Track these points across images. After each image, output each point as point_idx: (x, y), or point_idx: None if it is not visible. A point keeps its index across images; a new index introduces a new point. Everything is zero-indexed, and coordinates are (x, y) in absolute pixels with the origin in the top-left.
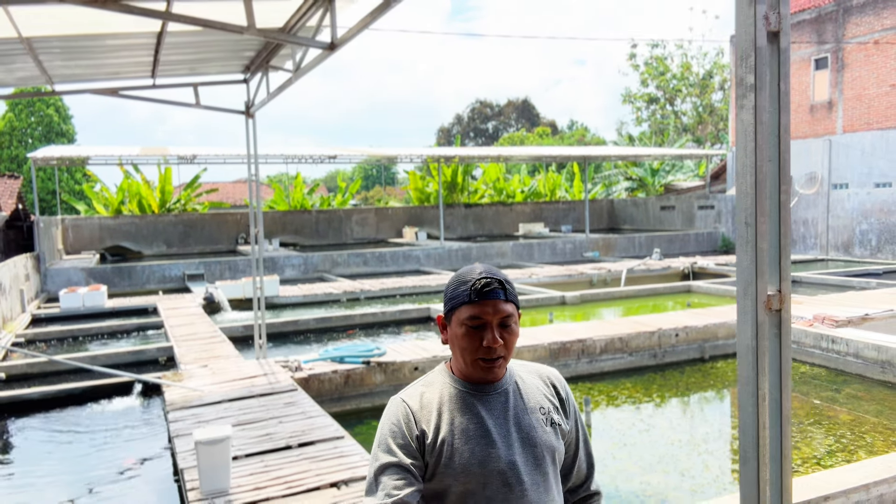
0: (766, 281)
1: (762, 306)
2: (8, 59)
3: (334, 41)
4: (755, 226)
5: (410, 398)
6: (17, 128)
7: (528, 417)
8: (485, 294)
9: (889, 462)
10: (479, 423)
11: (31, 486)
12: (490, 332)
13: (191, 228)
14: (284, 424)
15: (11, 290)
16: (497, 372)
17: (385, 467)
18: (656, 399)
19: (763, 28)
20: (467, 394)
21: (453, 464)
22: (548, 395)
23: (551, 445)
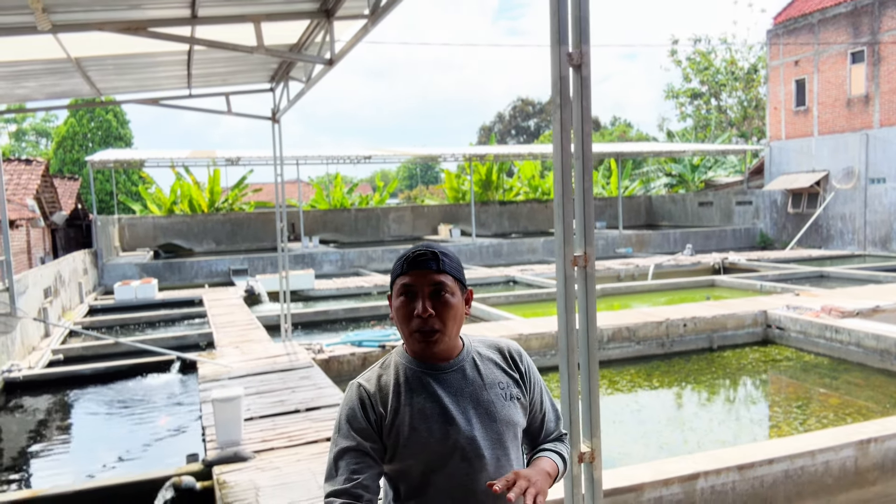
0: (573, 245)
1: (569, 264)
2: (61, 75)
3: (332, 57)
4: (563, 205)
5: (367, 382)
6: (78, 132)
7: (486, 393)
8: (415, 264)
9: (839, 433)
10: (436, 402)
11: (85, 443)
12: (420, 302)
13: (238, 227)
14: (297, 393)
15: (70, 282)
16: (435, 346)
17: (343, 451)
18: (655, 384)
19: (567, 62)
20: (423, 373)
21: (412, 444)
22: (506, 368)
23: (511, 420)
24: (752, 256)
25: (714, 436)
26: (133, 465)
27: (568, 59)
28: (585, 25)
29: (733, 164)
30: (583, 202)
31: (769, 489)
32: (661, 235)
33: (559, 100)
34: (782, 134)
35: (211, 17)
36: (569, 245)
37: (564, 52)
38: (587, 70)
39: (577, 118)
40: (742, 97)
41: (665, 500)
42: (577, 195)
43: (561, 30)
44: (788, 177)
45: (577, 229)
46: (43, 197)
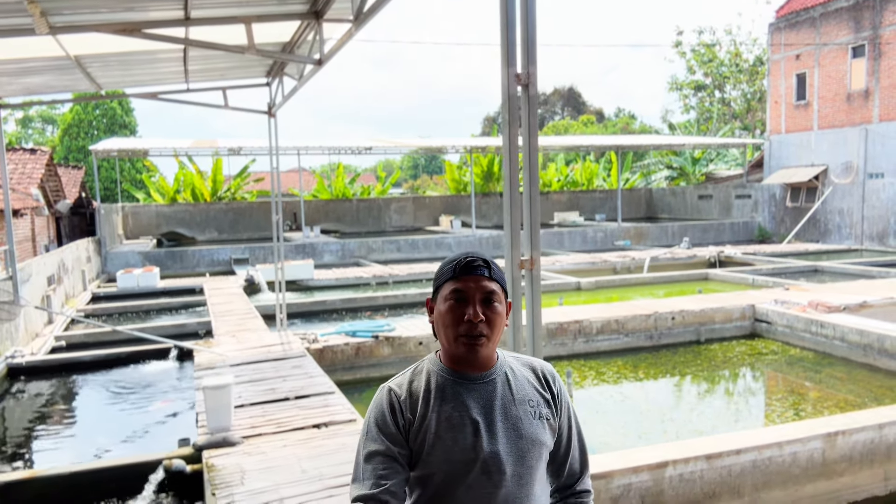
0: (520, 249)
1: (516, 266)
2: (62, 72)
3: (322, 57)
4: (510, 212)
5: (398, 387)
6: (84, 120)
7: (515, 409)
8: (468, 270)
9: (807, 426)
10: (465, 412)
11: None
12: (472, 307)
13: (240, 216)
14: (287, 382)
15: (74, 270)
16: (480, 351)
17: (372, 455)
18: (641, 376)
19: (514, 82)
20: (455, 382)
21: (436, 451)
22: (538, 388)
23: (538, 439)
24: (748, 250)
25: (692, 426)
26: (129, 448)
27: (516, 80)
28: (532, 49)
29: (735, 157)
30: (530, 210)
31: (737, 478)
32: (660, 228)
33: (507, 116)
34: (782, 128)
35: (203, 18)
36: (516, 249)
37: (513, 73)
38: (534, 89)
39: (525, 132)
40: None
41: (634, 488)
42: (524, 203)
43: (510, 53)
44: (788, 171)
45: (524, 234)
46: (47, 186)
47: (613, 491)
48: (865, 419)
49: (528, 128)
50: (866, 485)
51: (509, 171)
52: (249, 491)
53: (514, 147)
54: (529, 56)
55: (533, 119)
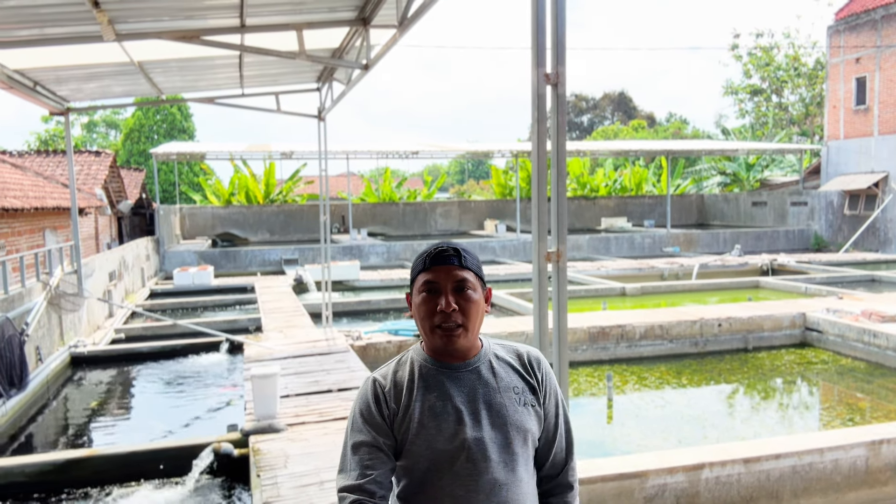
0: (546, 242)
1: (542, 259)
2: (126, 77)
3: (368, 62)
4: (538, 205)
5: (383, 377)
6: (144, 125)
7: (500, 396)
8: (438, 260)
9: (851, 433)
10: (448, 401)
11: (141, 412)
12: (444, 297)
13: (291, 218)
14: (331, 375)
15: (134, 267)
16: (457, 342)
17: (358, 445)
18: (684, 382)
19: (544, 82)
20: (438, 371)
21: (420, 440)
22: (523, 374)
23: (523, 425)
24: (802, 258)
25: (735, 433)
26: (181, 432)
27: (545, 79)
28: (562, 49)
29: (791, 163)
30: (556, 204)
31: (776, 483)
32: (711, 235)
33: (537, 114)
34: (840, 133)
35: (258, 25)
36: (543, 241)
37: (542, 73)
38: (563, 88)
39: (554, 130)
40: (804, 94)
41: (669, 488)
42: (552, 198)
43: (539, 53)
44: (846, 177)
45: (552, 227)
46: (110, 186)
47: (648, 490)
48: None
49: (557, 125)
50: None
51: (537, 167)
52: (292, 474)
53: (542, 144)
54: (559, 56)
55: (561, 117)
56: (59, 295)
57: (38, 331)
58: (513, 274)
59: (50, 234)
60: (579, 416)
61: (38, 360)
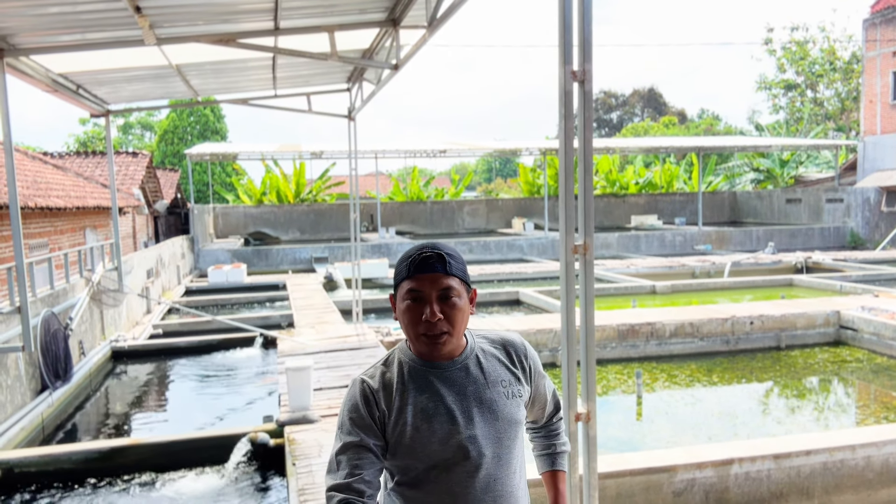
0: (573, 235)
1: (570, 251)
2: (164, 79)
3: (398, 63)
4: (565, 200)
5: (371, 378)
6: (178, 126)
7: (489, 391)
8: (422, 267)
9: (883, 430)
10: (439, 401)
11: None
12: (429, 306)
13: (321, 217)
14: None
15: (170, 265)
16: (442, 348)
17: (346, 447)
18: (715, 380)
19: (571, 79)
20: (426, 371)
21: (415, 443)
22: (509, 366)
23: (513, 418)
24: (838, 256)
25: (766, 431)
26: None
27: (572, 76)
28: (588, 47)
29: (826, 159)
30: (584, 199)
31: (806, 479)
32: (744, 233)
33: (564, 111)
34: (877, 128)
35: (291, 28)
36: (570, 235)
37: (569, 70)
38: (589, 85)
39: (581, 126)
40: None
41: (698, 483)
42: (579, 193)
43: (566, 51)
44: (883, 173)
45: (579, 222)
46: (147, 186)
47: (676, 485)
48: None
49: (584, 121)
50: None
51: (564, 163)
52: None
53: (569, 140)
54: (586, 53)
55: (588, 113)
56: (100, 291)
57: (80, 325)
58: (541, 272)
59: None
60: (608, 412)
61: (81, 354)
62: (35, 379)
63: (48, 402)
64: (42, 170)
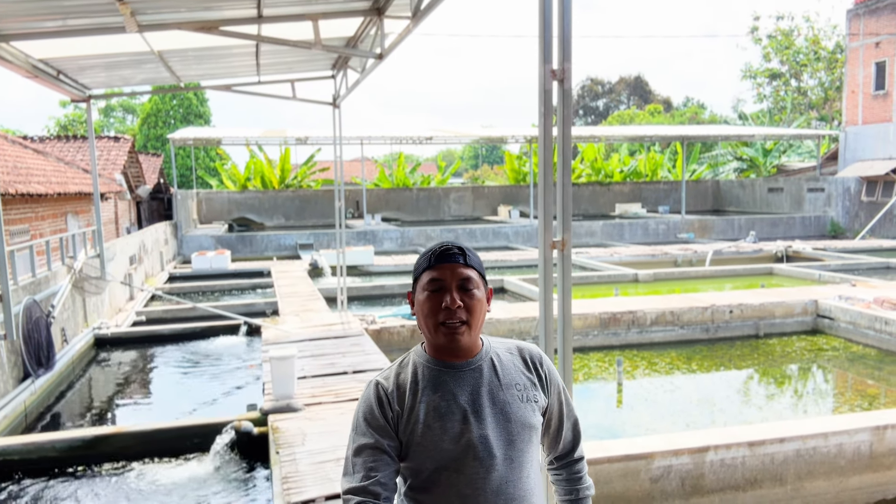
0: (552, 231)
1: (548, 247)
2: (146, 65)
3: (382, 52)
4: (544, 196)
5: (385, 380)
6: (161, 109)
7: (502, 393)
8: (443, 258)
9: (855, 418)
10: (452, 401)
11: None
12: (449, 294)
13: (306, 203)
14: (346, 358)
15: (153, 251)
16: (461, 339)
17: (361, 448)
18: (694, 367)
19: (550, 77)
20: (440, 371)
21: (426, 441)
22: (525, 371)
23: (527, 422)
24: (818, 245)
25: (743, 418)
26: (201, 411)
27: (552, 75)
28: (568, 45)
29: (809, 149)
30: (562, 196)
31: (779, 466)
32: (726, 221)
33: (543, 109)
34: (859, 119)
35: (274, 16)
36: (548, 230)
37: (549, 69)
38: (569, 83)
39: (560, 125)
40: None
41: (675, 469)
42: (558, 190)
43: (546, 49)
44: (864, 163)
45: (557, 218)
46: (129, 171)
47: (654, 472)
48: None
49: (563, 120)
50: None
51: (543, 160)
52: (310, 451)
53: (548, 138)
54: (565, 52)
55: (567, 112)
56: (83, 278)
57: (63, 313)
58: (525, 260)
59: (72, 219)
60: (589, 399)
61: (64, 342)
62: (17, 367)
63: (31, 389)
64: (22, 154)
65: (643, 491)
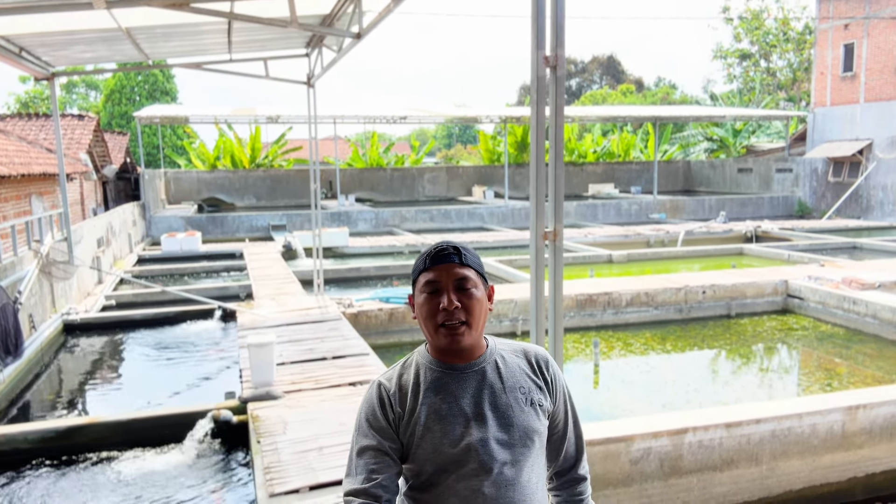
0: (544, 221)
1: (540, 237)
2: (113, 42)
3: (360, 31)
4: (536, 186)
5: (388, 381)
6: (125, 86)
7: (505, 397)
8: (438, 259)
9: (829, 398)
10: (453, 403)
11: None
12: (446, 295)
13: (277, 183)
14: (325, 343)
15: (121, 233)
16: (462, 340)
17: (363, 450)
18: (669, 348)
19: (543, 64)
20: (443, 373)
21: (426, 443)
22: (530, 374)
23: (529, 426)
24: (786, 225)
25: (717, 398)
26: (175, 399)
27: (545, 62)
28: (561, 32)
29: (778, 129)
30: (554, 187)
31: (755, 447)
32: (697, 202)
33: (536, 96)
34: (827, 100)
35: None
36: (540, 221)
37: (541, 56)
38: (562, 70)
39: (553, 113)
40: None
41: (654, 451)
42: (550, 180)
43: (539, 36)
44: (831, 144)
45: (549, 207)
46: (94, 151)
47: (633, 454)
48: (888, 394)
49: (556, 107)
50: (886, 458)
51: (536, 148)
52: (291, 440)
53: (541, 125)
54: (558, 39)
55: (560, 99)
56: (50, 263)
57: (30, 299)
58: (501, 241)
59: (36, 201)
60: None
61: (32, 328)
62: None
63: None
64: None
65: (623, 473)
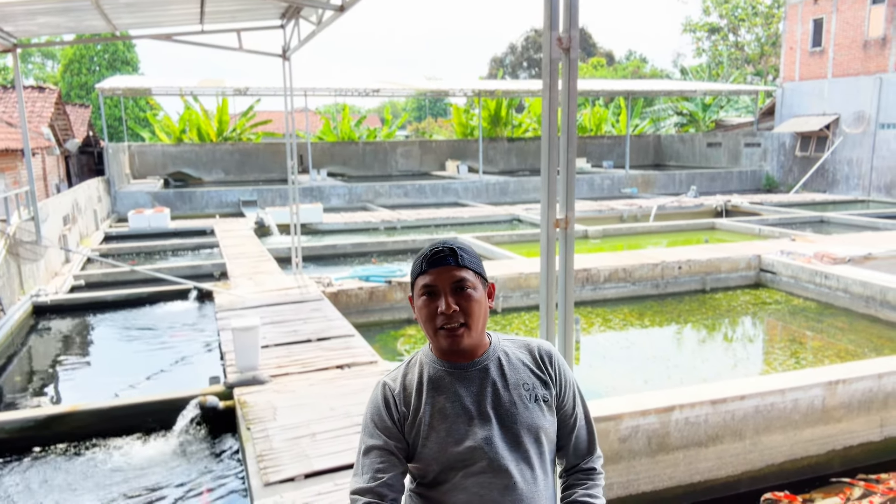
0: (556, 209)
1: (552, 225)
2: (78, 13)
3: (343, 4)
4: (548, 173)
5: (393, 381)
6: (85, 55)
7: (508, 394)
8: (434, 262)
9: (809, 374)
10: (457, 402)
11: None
12: (443, 298)
13: (246, 157)
14: (308, 324)
15: (86, 210)
16: (462, 342)
17: (369, 449)
18: (647, 323)
19: (556, 46)
20: (446, 372)
21: (431, 443)
22: (534, 369)
23: (534, 423)
24: (755, 199)
25: (696, 373)
26: (157, 385)
27: (558, 43)
28: (575, 12)
29: (746, 104)
30: (566, 174)
31: (740, 422)
32: (667, 176)
33: (549, 80)
34: (796, 75)
35: None
36: (552, 209)
37: (555, 37)
38: (575, 53)
39: (565, 98)
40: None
41: (642, 429)
42: (562, 167)
43: (553, 16)
44: (799, 119)
45: (560, 195)
46: (56, 124)
47: (622, 432)
48: (866, 369)
49: (569, 92)
50: (862, 431)
51: (548, 134)
52: (282, 426)
53: (553, 110)
54: (572, 19)
55: (573, 83)
56: (17, 243)
57: None
58: (477, 216)
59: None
60: None
61: (1, 311)
62: None
63: None
64: None
65: (612, 451)
